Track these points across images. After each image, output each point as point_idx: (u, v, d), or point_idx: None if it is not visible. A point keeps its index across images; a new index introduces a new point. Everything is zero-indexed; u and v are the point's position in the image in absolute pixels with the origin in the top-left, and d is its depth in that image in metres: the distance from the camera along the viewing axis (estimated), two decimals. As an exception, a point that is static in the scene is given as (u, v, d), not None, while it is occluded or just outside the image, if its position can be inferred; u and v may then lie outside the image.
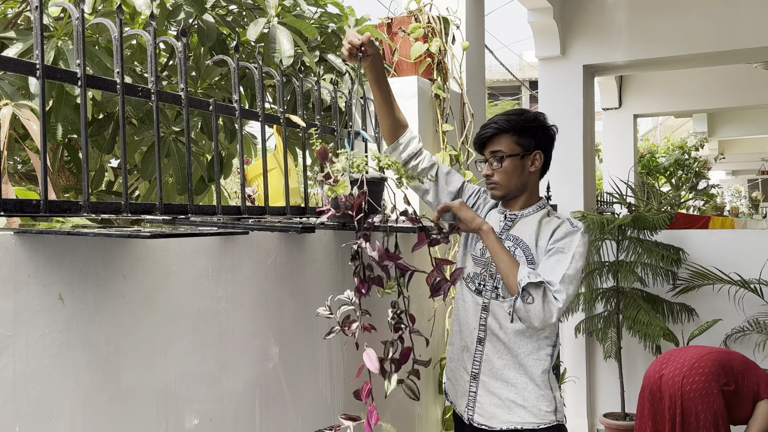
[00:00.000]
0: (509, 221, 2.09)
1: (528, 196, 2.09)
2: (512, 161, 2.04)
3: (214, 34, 2.01)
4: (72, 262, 1.26)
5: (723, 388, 3.04)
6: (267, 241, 1.75)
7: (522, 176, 2.06)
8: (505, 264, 1.94)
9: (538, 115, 2.09)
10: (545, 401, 2.02)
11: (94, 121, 1.96)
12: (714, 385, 3.02)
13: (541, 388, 2.02)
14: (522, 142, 2.04)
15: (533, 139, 2.04)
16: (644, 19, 4.87)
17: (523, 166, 2.05)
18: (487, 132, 2.06)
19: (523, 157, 2.04)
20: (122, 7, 1.46)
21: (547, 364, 2.04)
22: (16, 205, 1.26)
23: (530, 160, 2.05)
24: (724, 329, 4.58)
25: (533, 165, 2.06)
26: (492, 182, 2.08)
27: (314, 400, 1.94)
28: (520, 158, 2.04)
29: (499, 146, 2.04)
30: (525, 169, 2.06)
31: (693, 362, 3.10)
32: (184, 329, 1.50)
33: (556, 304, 1.87)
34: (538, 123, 2.06)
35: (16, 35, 1.75)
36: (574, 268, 1.92)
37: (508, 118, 2.05)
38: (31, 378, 1.19)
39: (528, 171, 2.06)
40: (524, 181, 2.06)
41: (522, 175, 2.06)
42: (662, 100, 7.35)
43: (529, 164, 2.06)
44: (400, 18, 2.78)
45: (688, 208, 9.01)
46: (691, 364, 3.09)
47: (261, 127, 1.89)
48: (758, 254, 4.54)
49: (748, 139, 12.74)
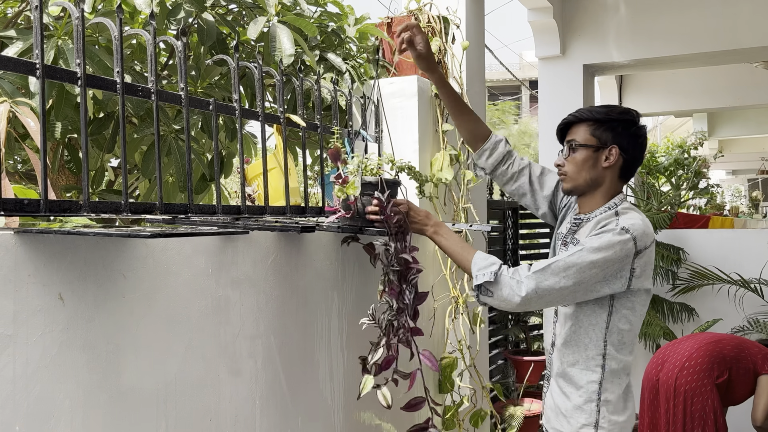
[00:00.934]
0: (575, 225, 1.98)
1: (600, 197, 1.94)
2: (584, 152, 1.91)
3: (214, 33, 2.00)
4: (72, 262, 1.26)
5: (717, 381, 3.04)
6: (267, 241, 1.75)
7: (593, 171, 1.91)
8: (456, 257, 1.88)
9: (625, 111, 1.94)
10: (584, 414, 1.91)
11: (94, 120, 1.96)
12: (707, 381, 3.02)
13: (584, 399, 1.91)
14: (598, 134, 1.91)
15: (611, 132, 1.90)
16: (644, 19, 4.87)
17: (596, 160, 1.91)
18: (566, 119, 1.97)
19: (598, 150, 1.90)
20: (122, 6, 1.46)
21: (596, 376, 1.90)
22: (16, 205, 1.26)
23: (605, 154, 1.90)
24: (724, 329, 4.59)
25: (607, 160, 1.90)
26: (562, 173, 1.97)
27: (314, 400, 1.93)
28: (594, 150, 1.90)
29: (575, 135, 1.94)
30: (598, 164, 1.91)
31: (684, 361, 3.10)
32: (184, 329, 1.50)
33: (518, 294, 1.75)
34: (620, 117, 1.91)
35: (16, 34, 1.75)
36: (573, 260, 1.76)
37: (590, 108, 1.95)
38: (31, 378, 1.19)
39: (601, 166, 1.91)
40: (595, 176, 1.91)
41: (593, 170, 1.91)
42: (662, 100, 7.35)
43: (603, 159, 1.91)
44: (400, 17, 2.78)
45: (688, 208, 9.01)
46: (682, 364, 3.10)
47: (261, 126, 1.89)
48: (758, 254, 4.54)
49: (748, 139, 12.75)
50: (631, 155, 1.92)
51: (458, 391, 2.72)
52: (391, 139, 2.54)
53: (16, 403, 1.17)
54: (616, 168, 1.92)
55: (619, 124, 1.91)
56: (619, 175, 1.93)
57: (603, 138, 1.91)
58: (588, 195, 1.96)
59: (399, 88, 2.59)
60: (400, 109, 2.59)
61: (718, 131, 10.55)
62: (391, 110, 2.57)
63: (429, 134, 2.70)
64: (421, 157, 2.60)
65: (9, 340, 1.16)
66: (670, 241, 4.73)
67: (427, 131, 2.68)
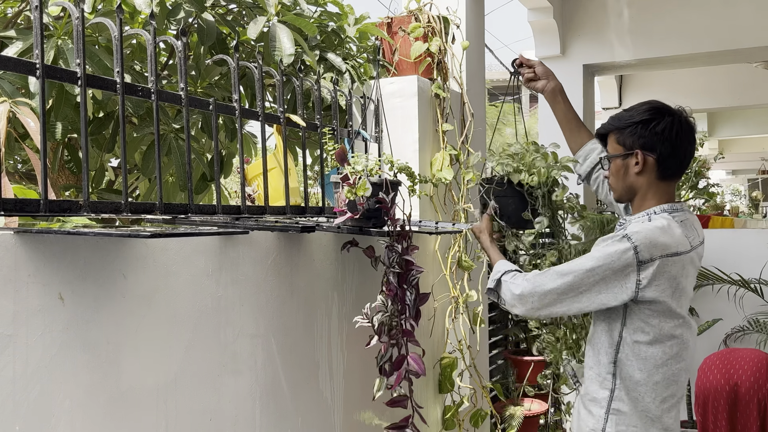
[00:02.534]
0: (619, 226, 1.96)
1: (641, 200, 1.90)
2: (616, 162, 1.91)
3: (214, 33, 2.00)
4: (72, 262, 1.26)
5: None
6: (267, 241, 1.75)
7: (627, 178, 1.90)
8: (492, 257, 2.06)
9: (646, 109, 1.89)
10: (591, 419, 1.89)
11: (94, 120, 1.96)
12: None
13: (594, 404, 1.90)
14: (623, 141, 1.89)
15: (633, 136, 1.86)
16: (644, 19, 4.87)
17: (627, 167, 1.89)
18: (598, 131, 1.99)
19: (626, 157, 1.88)
20: (122, 6, 1.46)
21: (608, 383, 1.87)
22: (16, 205, 1.26)
23: (633, 160, 1.87)
24: (724, 329, 4.59)
25: (637, 165, 1.86)
26: (609, 184, 1.98)
27: (314, 400, 1.93)
28: (623, 158, 1.89)
29: (608, 146, 1.95)
30: (629, 170, 1.88)
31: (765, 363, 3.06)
32: (184, 329, 1.50)
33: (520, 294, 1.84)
34: (639, 118, 1.87)
35: (16, 34, 1.75)
36: (571, 267, 1.78)
37: (615, 116, 1.94)
38: (31, 378, 1.19)
39: (633, 172, 1.88)
40: (629, 183, 1.89)
41: (627, 177, 1.89)
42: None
43: (633, 164, 1.87)
44: (400, 17, 2.78)
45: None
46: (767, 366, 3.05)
47: (261, 126, 1.89)
48: (758, 254, 4.54)
49: (748, 139, 12.74)
50: (660, 153, 1.84)
51: (458, 391, 2.72)
52: (391, 139, 2.54)
53: (16, 403, 1.17)
54: (649, 170, 1.87)
55: (639, 125, 1.86)
56: (657, 177, 1.87)
57: (628, 144, 1.88)
58: (635, 202, 1.93)
59: (399, 88, 2.59)
60: (400, 109, 2.59)
61: (718, 131, 10.54)
62: (391, 110, 2.56)
63: (429, 134, 2.70)
64: (421, 157, 2.60)
65: (9, 340, 1.16)
66: (670, 241, 4.73)
67: (427, 131, 2.68)
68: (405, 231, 1.90)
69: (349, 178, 1.87)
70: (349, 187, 1.87)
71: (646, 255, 1.74)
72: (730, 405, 3.08)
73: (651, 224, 1.80)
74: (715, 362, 3.20)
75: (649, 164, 1.86)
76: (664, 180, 1.88)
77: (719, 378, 3.13)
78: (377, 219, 1.90)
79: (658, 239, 1.76)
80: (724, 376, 3.11)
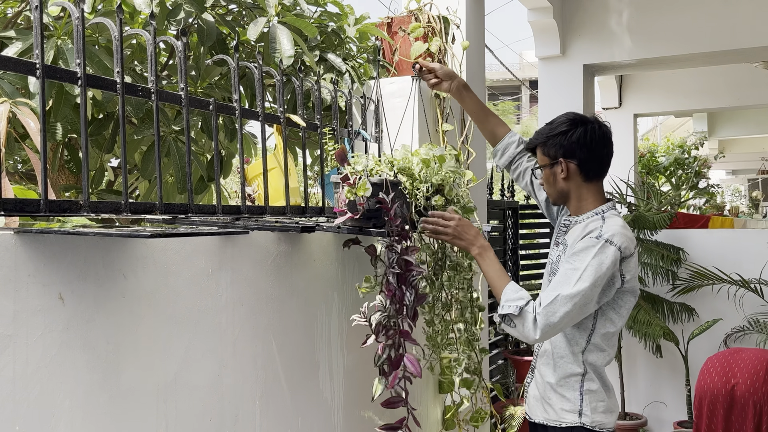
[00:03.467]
0: (563, 226, 2.17)
1: (577, 201, 2.11)
2: (545, 172, 2.10)
3: (214, 33, 2.00)
4: (72, 262, 1.26)
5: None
6: (267, 241, 1.75)
7: (556, 184, 2.09)
8: (492, 282, 2.05)
9: (563, 121, 2.08)
10: (567, 402, 2.07)
11: (93, 121, 1.96)
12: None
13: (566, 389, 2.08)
14: (549, 152, 2.08)
15: (555, 147, 2.06)
16: (644, 19, 4.87)
17: (554, 175, 2.08)
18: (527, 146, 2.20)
19: (552, 166, 2.08)
20: (122, 6, 1.46)
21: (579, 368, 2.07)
22: (16, 205, 1.26)
23: (559, 167, 2.07)
24: (724, 329, 4.59)
25: (562, 172, 2.06)
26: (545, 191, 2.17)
27: (314, 400, 1.93)
28: (550, 168, 2.09)
29: (538, 159, 2.13)
30: (557, 177, 2.08)
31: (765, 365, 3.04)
32: (184, 329, 1.50)
33: (534, 330, 1.91)
34: (557, 130, 2.06)
35: (16, 34, 1.75)
36: (578, 288, 1.90)
37: (539, 131, 2.12)
38: (31, 377, 1.19)
39: (560, 178, 2.08)
40: (560, 188, 2.10)
41: (556, 183, 2.09)
42: (662, 100, 7.35)
43: (559, 171, 2.07)
44: (400, 17, 2.78)
45: (688, 208, 9.01)
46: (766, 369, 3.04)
47: (261, 126, 1.89)
48: (758, 254, 4.54)
49: (748, 139, 12.73)
50: (580, 158, 2.04)
51: (458, 391, 2.72)
52: (391, 139, 2.54)
53: (16, 403, 1.17)
54: (574, 175, 2.06)
55: (558, 136, 2.05)
56: (582, 179, 2.07)
57: (551, 154, 2.07)
58: (571, 203, 2.12)
59: (399, 88, 2.59)
60: (400, 109, 2.59)
61: (718, 131, 10.54)
62: (391, 110, 2.57)
63: (429, 134, 2.70)
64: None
65: (9, 340, 1.16)
66: (670, 241, 4.73)
67: (427, 131, 2.68)
68: (405, 231, 1.90)
69: (349, 178, 1.87)
70: (349, 187, 1.87)
71: (626, 252, 1.96)
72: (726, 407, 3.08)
73: (618, 223, 2.01)
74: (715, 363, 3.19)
75: (572, 170, 2.06)
76: (590, 181, 2.08)
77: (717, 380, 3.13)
78: (377, 219, 1.90)
79: (628, 234, 2.00)
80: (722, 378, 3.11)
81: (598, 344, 2.05)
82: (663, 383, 4.91)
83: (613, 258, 1.93)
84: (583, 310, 1.95)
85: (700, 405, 3.17)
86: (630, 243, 1.98)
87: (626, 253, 1.96)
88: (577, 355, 2.06)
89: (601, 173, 2.10)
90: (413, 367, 1.86)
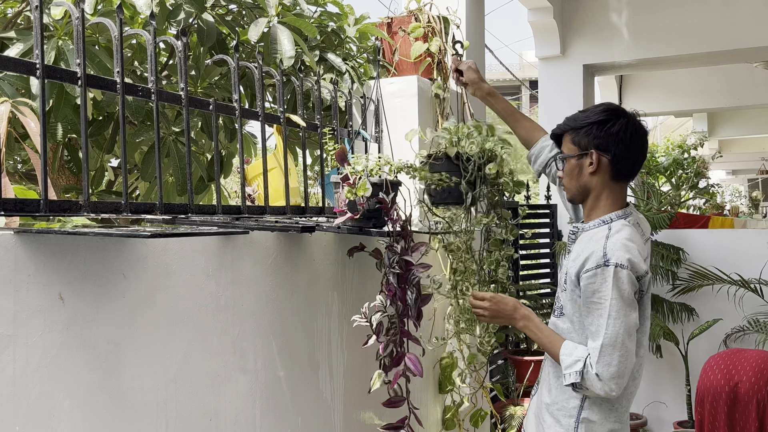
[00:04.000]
0: (572, 234, 1.97)
1: (594, 201, 1.90)
2: (570, 162, 1.89)
3: (214, 33, 2.01)
4: (72, 262, 1.26)
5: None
6: (267, 241, 1.75)
7: (581, 178, 1.89)
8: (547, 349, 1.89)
9: (602, 110, 1.88)
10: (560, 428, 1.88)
11: (94, 121, 1.96)
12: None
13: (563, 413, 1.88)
14: (578, 141, 1.88)
15: (588, 136, 1.85)
16: (644, 19, 4.87)
17: (581, 167, 1.88)
18: (554, 131, 1.96)
19: (581, 157, 1.87)
20: (122, 7, 1.46)
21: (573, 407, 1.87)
22: (17, 205, 1.26)
23: (588, 160, 1.86)
24: (724, 329, 4.58)
25: (591, 165, 1.85)
26: (562, 185, 1.99)
27: (314, 400, 1.94)
28: (577, 159, 1.88)
29: (563, 147, 1.93)
30: (584, 171, 1.87)
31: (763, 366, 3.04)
32: (184, 329, 1.50)
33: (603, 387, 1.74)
34: (595, 119, 1.86)
35: (17, 35, 1.75)
36: (612, 328, 1.73)
37: (571, 117, 1.92)
38: (31, 377, 1.19)
39: (587, 172, 1.87)
40: (583, 183, 1.89)
41: (581, 177, 1.89)
42: (662, 100, 7.35)
43: (587, 164, 1.86)
44: (400, 17, 2.78)
45: (688, 208, 9.00)
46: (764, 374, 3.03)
47: (261, 126, 1.89)
48: (758, 254, 4.54)
49: (748, 139, 12.74)
50: (614, 153, 1.84)
51: (458, 391, 2.72)
52: (391, 140, 2.54)
53: (16, 403, 1.17)
54: (603, 171, 1.86)
55: (594, 126, 1.85)
56: (610, 177, 1.87)
57: (583, 144, 1.87)
58: (587, 203, 1.92)
59: (399, 88, 2.59)
60: (400, 109, 2.59)
61: (718, 131, 10.54)
62: (391, 110, 2.57)
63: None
64: (421, 157, 2.60)
65: (9, 340, 1.16)
66: (670, 241, 4.73)
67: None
68: (405, 231, 1.90)
69: (349, 178, 1.88)
70: (349, 187, 1.87)
71: (640, 271, 1.78)
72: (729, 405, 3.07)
73: (624, 235, 1.81)
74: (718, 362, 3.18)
75: (603, 165, 1.86)
76: (617, 181, 1.89)
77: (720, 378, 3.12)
78: (377, 219, 1.90)
79: (634, 246, 1.80)
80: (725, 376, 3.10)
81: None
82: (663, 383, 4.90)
83: (629, 280, 1.75)
84: (633, 337, 1.78)
85: (701, 403, 3.15)
86: (638, 257, 1.78)
87: (640, 272, 1.78)
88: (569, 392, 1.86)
89: (631, 174, 1.91)
90: (414, 367, 1.86)
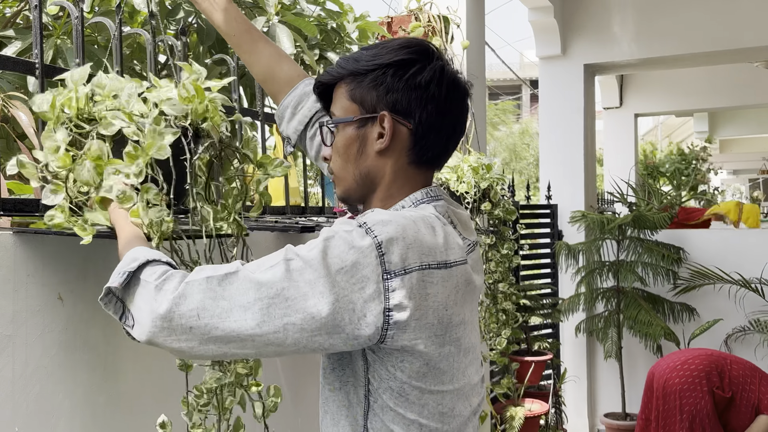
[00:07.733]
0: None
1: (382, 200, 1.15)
2: (345, 133, 1.14)
3: (214, 32, 2.00)
4: (71, 262, 1.26)
5: (715, 390, 3.00)
6: (267, 241, 1.75)
7: (361, 160, 1.14)
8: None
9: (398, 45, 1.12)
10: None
11: (93, 121, 1.96)
12: (703, 383, 3.00)
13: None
14: (360, 95, 1.13)
15: (378, 88, 1.11)
16: (645, 18, 4.87)
17: (363, 141, 1.13)
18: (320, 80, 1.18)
19: (362, 124, 1.13)
20: (121, 5, 1.46)
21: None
22: (15, 205, 1.25)
23: (376, 128, 1.12)
24: (725, 329, 4.58)
25: (381, 139, 1.11)
26: (330, 171, 1.20)
27: (314, 400, 1.93)
28: (357, 127, 1.13)
29: (334, 106, 1.17)
30: (366, 147, 1.13)
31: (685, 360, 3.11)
32: (183, 329, 1.49)
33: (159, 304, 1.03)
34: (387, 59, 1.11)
35: (15, 34, 1.75)
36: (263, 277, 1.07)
37: (351, 55, 1.16)
38: (31, 378, 1.19)
39: (372, 150, 1.13)
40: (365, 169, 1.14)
41: (361, 159, 1.14)
42: (663, 99, 7.34)
43: (375, 137, 1.12)
44: (401, 17, 2.78)
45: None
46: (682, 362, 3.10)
47: (261, 126, 1.88)
48: (759, 253, 4.54)
49: (749, 139, 12.75)
50: (420, 119, 1.10)
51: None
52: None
53: (15, 403, 1.16)
54: (399, 147, 1.12)
55: (388, 70, 1.10)
56: (409, 159, 1.13)
57: (368, 101, 1.11)
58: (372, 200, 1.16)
59: (399, 87, 2.59)
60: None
61: (718, 131, 10.54)
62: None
63: (429, 134, 2.70)
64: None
65: (9, 340, 1.15)
66: (671, 240, 4.72)
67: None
68: None
69: None
70: None
71: (396, 258, 0.99)
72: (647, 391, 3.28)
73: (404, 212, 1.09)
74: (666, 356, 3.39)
75: (400, 137, 1.11)
76: (419, 166, 1.14)
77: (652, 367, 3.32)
78: None
79: (418, 236, 1.02)
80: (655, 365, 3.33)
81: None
82: (663, 383, 4.91)
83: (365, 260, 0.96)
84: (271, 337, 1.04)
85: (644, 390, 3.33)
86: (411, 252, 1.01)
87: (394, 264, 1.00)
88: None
89: (441, 157, 1.16)
90: None
